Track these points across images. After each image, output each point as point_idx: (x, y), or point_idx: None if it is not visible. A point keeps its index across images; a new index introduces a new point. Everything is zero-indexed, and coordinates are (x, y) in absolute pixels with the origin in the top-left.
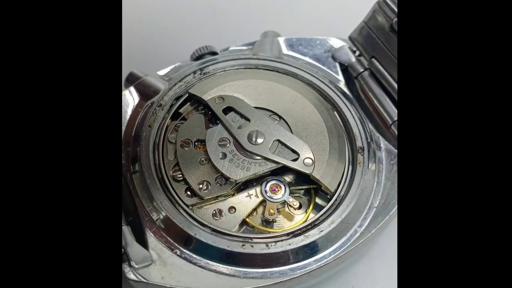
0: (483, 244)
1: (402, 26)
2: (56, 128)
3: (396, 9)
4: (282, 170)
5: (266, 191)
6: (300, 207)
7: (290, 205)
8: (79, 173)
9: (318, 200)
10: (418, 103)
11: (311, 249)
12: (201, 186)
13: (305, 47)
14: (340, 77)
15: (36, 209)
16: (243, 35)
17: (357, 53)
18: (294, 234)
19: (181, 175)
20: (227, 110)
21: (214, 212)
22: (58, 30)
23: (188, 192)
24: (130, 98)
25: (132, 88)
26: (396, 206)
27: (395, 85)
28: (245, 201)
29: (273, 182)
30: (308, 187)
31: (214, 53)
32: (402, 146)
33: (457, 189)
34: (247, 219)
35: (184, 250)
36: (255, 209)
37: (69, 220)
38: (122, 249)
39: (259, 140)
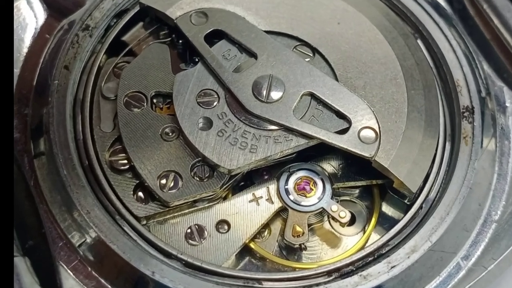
0: None
1: None
2: None
3: None
4: (319, 152)
5: (288, 192)
6: (353, 222)
7: (333, 218)
8: None
9: (385, 209)
10: None
11: None
12: (164, 181)
13: None
14: None
15: None
16: None
17: None
18: (342, 272)
19: (126, 161)
20: (214, 37)
21: (188, 230)
22: None
23: (140, 193)
24: (29, 14)
25: None
26: None
27: None
28: (248, 210)
29: (301, 174)
30: (367, 183)
31: None
32: None
33: None
34: (252, 244)
35: None
36: (266, 226)
37: None
38: None
39: (275, 95)
